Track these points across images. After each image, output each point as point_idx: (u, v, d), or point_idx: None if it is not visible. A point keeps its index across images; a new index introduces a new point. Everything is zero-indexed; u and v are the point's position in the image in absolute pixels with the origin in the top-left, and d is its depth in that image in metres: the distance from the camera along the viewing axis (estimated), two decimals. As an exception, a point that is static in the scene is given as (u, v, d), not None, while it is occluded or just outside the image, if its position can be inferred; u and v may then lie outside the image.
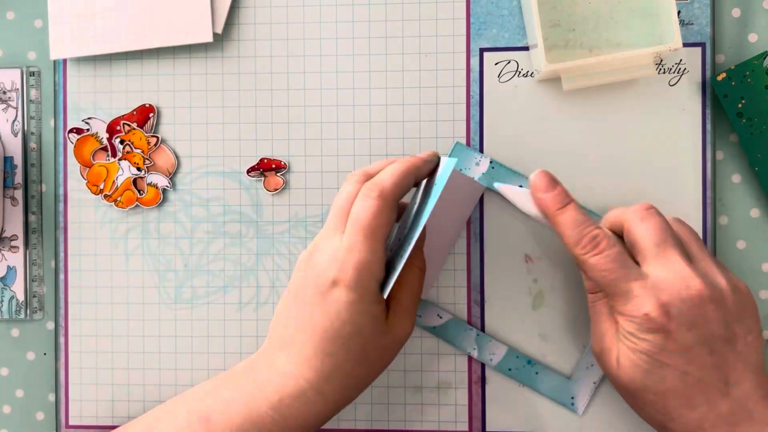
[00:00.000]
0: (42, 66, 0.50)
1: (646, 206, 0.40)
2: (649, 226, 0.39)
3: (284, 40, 0.48)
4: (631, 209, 0.40)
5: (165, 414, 0.42)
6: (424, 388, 0.48)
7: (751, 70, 0.45)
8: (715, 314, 0.38)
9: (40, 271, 0.50)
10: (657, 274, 0.38)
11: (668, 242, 0.39)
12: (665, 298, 0.37)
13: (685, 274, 0.38)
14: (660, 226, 0.39)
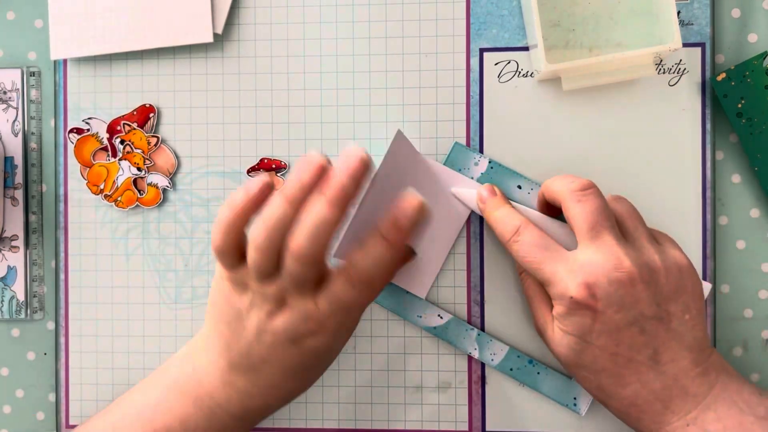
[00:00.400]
0: (42, 66, 0.50)
1: (584, 185, 0.40)
2: (584, 208, 0.39)
3: (284, 41, 0.48)
4: (568, 187, 0.40)
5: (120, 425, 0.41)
6: (424, 388, 0.48)
7: (751, 71, 0.45)
8: (646, 294, 0.38)
9: (41, 271, 0.50)
10: (587, 256, 0.39)
11: (602, 224, 0.39)
12: (591, 279, 0.38)
13: (616, 256, 0.38)
14: (594, 208, 0.39)
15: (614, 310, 0.38)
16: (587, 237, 0.39)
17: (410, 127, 0.47)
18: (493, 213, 0.43)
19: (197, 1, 0.47)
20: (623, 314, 0.38)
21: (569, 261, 0.39)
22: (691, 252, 0.46)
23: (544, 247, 0.40)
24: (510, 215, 0.42)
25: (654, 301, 0.38)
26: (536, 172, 0.47)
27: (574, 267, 0.38)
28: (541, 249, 0.40)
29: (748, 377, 0.47)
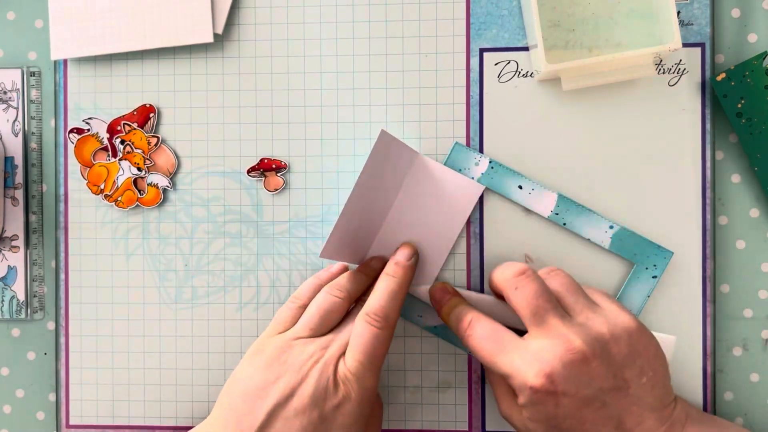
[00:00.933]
0: (42, 66, 0.50)
1: (518, 272, 0.41)
2: (523, 295, 0.40)
3: (284, 41, 0.48)
4: (504, 277, 0.41)
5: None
6: (424, 388, 0.48)
7: (751, 71, 0.45)
8: (601, 368, 0.38)
9: (41, 271, 0.50)
10: (538, 344, 0.39)
11: (543, 308, 0.39)
12: (547, 368, 0.38)
13: (565, 338, 0.38)
14: (533, 293, 0.40)
15: (574, 392, 0.38)
16: (532, 323, 0.39)
17: (410, 127, 0.47)
18: (447, 314, 0.43)
19: (197, 2, 0.47)
20: (583, 393, 0.38)
21: (522, 350, 0.39)
22: (691, 252, 0.46)
23: (495, 340, 0.40)
24: (462, 311, 0.42)
25: (610, 373, 0.38)
26: (536, 172, 0.47)
27: (528, 357, 0.38)
28: (492, 341, 0.40)
29: (748, 377, 0.47)
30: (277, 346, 0.41)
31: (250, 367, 0.41)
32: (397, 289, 0.42)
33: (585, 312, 0.40)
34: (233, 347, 0.48)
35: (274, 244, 0.48)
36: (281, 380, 0.39)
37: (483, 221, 0.47)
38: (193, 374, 0.49)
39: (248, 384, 0.40)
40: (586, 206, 0.46)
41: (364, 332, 0.40)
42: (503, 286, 0.41)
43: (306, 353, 0.40)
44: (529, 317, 0.39)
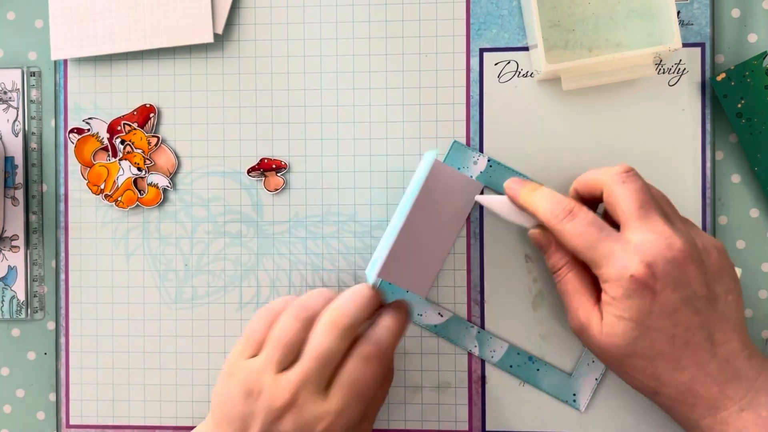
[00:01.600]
0: (43, 66, 0.50)
1: (626, 168, 0.40)
2: (631, 188, 0.39)
3: (284, 41, 0.48)
4: (609, 172, 0.40)
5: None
6: (424, 387, 0.48)
7: (751, 71, 0.45)
8: (696, 274, 0.38)
9: (41, 271, 0.50)
10: (640, 235, 0.38)
11: (649, 204, 0.39)
12: (649, 258, 0.37)
13: (666, 235, 0.38)
14: (641, 189, 0.39)
15: (671, 290, 0.37)
16: (636, 216, 0.39)
17: (410, 127, 0.47)
18: (531, 195, 0.42)
19: (197, 2, 0.47)
20: (679, 294, 0.37)
21: (623, 241, 0.38)
22: (691, 252, 0.46)
23: (599, 227, 0.39)
24: (557, 195, 0.41)
25: (703, 282, 0.38)
26: (536, 172, 0.47)
27: (630, 247, 0.38)
28: (596, 228, 0.39)
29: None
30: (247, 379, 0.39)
31: (227, 389, 0.40)
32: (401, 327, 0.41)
33: (679, 223, 0.40)
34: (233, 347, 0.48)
35: (274, 244, 0.48)
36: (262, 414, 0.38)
37: (483, 221, 0.47)
38: (193, 374, 0.49)
39: (233, 410, 0.39)
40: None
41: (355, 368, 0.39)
42: (606, 180, 0.40)
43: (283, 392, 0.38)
44: (634, 209, 0.39)
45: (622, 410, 0.46)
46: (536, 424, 0.47)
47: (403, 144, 0.47)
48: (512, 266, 0.47)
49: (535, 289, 0.47)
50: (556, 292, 0.47)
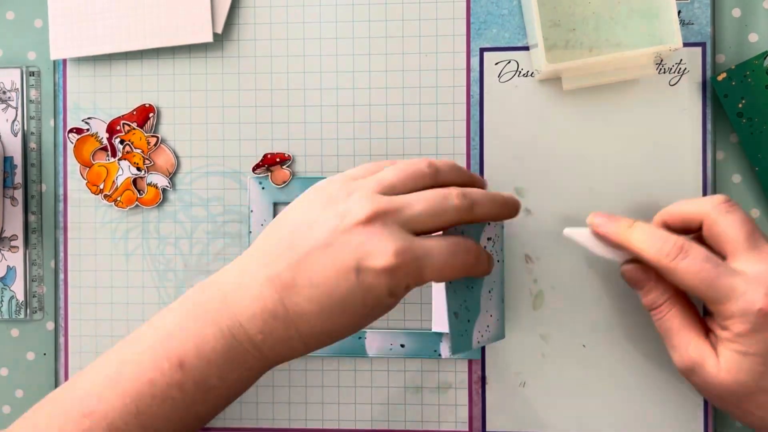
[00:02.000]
0: (42, 66, 0.50)
1: (726, 198, 0.39)
2: (736, 219, 0.38)
3: (284, 40, 0.48)
4: (710, 203, 0.39)
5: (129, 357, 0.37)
6: (424, 388, 0.48)
7: (752, 70, 0.45)
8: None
9: (40, 271, 0.50)
10: (756, 266, 0.37)
11: (757, 233, 0.38)
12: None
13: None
14: (746, 218, 0.38)
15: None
16: (746, 247, 0.37)
17: (410, 127, 0.47)
18: (630, 231, 0.39)
19: (197, 1, 0.47)
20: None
21: (742, 274, 0.37)
22: (692, 252, 0.46)
23: (715, 263, 0.37)
24: (661, 231, 0.39)
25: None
26: (536, 172, 0.47)
27: (751, 280, 0.36)
28: (713, 264, 0.37)
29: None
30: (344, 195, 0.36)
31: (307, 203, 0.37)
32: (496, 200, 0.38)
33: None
34: (233, 347, 0.48)
35: (274, 244, 0.48)
36: (333, 222, 0.35)
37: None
38: (192, 374, 0.48)
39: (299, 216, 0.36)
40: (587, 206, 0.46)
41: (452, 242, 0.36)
42: (708, 211, 0.39)
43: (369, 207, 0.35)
44: (743, 240, 0.37)
45: (621, 412, 0.46)
46: (536, 424, 0.47)
47: (403, 144, 0.47)
48: (512, 266, 0.47)
49: (535, 289, 0.47)
50: (555, 293, 0.47)
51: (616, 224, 0.40)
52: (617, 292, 0.46)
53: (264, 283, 0.35)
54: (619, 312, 0.46)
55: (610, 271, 0.46)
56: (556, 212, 0.46)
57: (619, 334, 0.46)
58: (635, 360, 0.46)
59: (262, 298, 0.35)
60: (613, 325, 0.46)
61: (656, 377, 0.46)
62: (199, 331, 0.36)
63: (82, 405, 0.36)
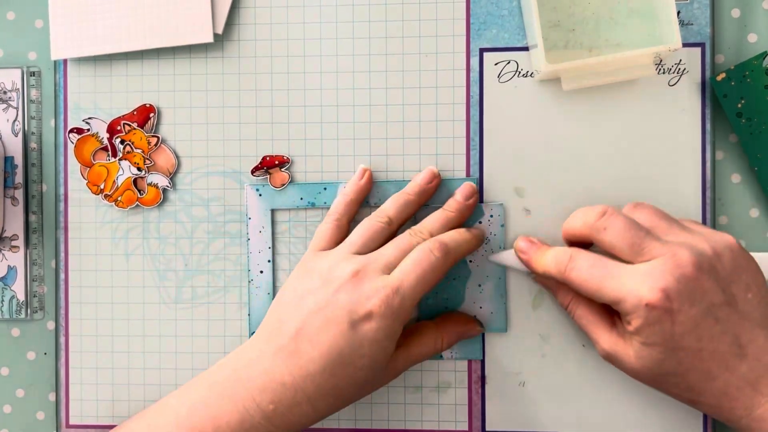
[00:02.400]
0: (42, 66, 0.50)
1: (601, 213, 0.40)
2: (614, 232, 0.39)
3: (284, 41, 0.48)
4: (586, 223, 0.41)
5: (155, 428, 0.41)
6: (424, 388, 0.48)
7: (751, 71, 0.45)
8: (710, 282, 0.38)
9: (41, 271, 0.50)
10: (644, 265, 0.38)
11: (638, 236, 0.39)
12: (661, 282, 0.37)
13: (672, 253, 0.38)
14: (623, 227, 0.39)
15: (688, 306, 0.37)
16: (632, 256, 0.39)
17: (410, 127, 0.47)
18: (542, 258, 0.43)
19: (197, 1, 0.47)
20: (697, 308, 0.38)
21: (630, 272, 0.38)
22: (691, 252, 0.46)
23: (601, 266, 0.39)
24: (559, 249, 0.42)
25: (719, 288, 0.38)
26: (536, 172, 0.47)
27: (638, 276, 0.38)
28: (599, 268, 0.39)
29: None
30: (323, 266, 0.42)
31: (295, 281, 0.43)
32: (451, 221, 0.44)
33: (682, 233, 0.40)
34: (233, 347, 0.48)
35: (275, 244, 0.48)
36: (321, 290, 0.41)
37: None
38: (193, 374, 0.49)
39: (291, 295, 0.42)
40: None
41: (422, 259, 0.41)
42: (588, 231, 0.41)
43: (349, 268, 0.41)
44: (627, 252, 0.39)
45: (620, 413, 0.46)
46: (536, 424, 0.47)
47: (403, 144, 0.47)
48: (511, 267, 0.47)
49: (535, 289, 0.47)
50: (556, 292, 0.47)
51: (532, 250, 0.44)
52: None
53: (271, 357, 0.40)
54: (618, 312, 0.46)
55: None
56: (556, 212, 0.47)
57: (619, 334, 0.46)
58: None
59: (271, 371, 0.40)
60: (613, 324, 0.46)
61: (656, 377, 0.46)
62: (216, 406, 0.40)
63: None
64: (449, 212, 0.44)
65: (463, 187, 0.45)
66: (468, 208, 0.45)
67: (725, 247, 0.39)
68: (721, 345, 0.38)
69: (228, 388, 0.40)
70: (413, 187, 0.45)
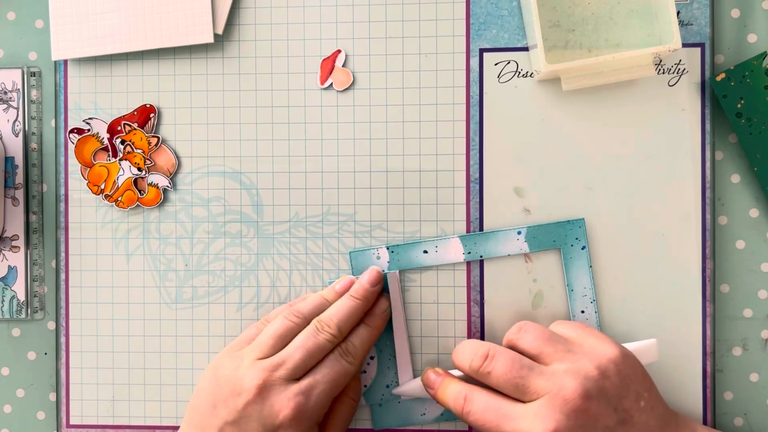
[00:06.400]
0: (43, 66, 0.50)
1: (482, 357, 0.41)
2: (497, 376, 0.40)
3: (284, 41, 0.48)
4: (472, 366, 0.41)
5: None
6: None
7: (750, 71, 0.45)
8: (601, 407, 0.38)
9: (41, 271, 0.50)
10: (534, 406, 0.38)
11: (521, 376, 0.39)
12: (551, 423, 0.37)
13: (556, 390, 0.38)
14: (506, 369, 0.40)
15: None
16: (520, 396, 0.39)
17: (410, 127, 0.47)
18: (443, 396, 0.43)
19: (198, 2, 0.47)
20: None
21: (523, 414, 0.38)
22: (691, 252, 0.46)
23: (495, 409, 0.39)
24: (455, 387, 0.42)
25: (610, 408, 0.38)
26: (536, 172, 0.47)
27: (530, 419, 0.38)
28: (493, 412, 0.39)
29: (748, 377, 0.47)
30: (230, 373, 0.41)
31: (208, 385, 0.42)
32: (356, 309, 0.43)
33: (567, 357, 0.40)
34: (233, 347, 0.48)
35: (274, 244, 0.48)
36: (231, 400, 0.40)
37: (483, 221, 0.47)
38: (193, 374, 0.49)
39: (204, 401, 0.42)
40: (586, 205, 0.46)
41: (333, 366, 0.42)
42: (476, 376, 0.41)
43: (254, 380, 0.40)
44: (514, 393, 0.39)
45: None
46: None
47: (403, 144, 0.47)
48: (512, 266, 0.47)
49: (534, 289, 0.47)
50: (555, 293, 0.47)
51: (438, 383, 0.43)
52: (615, 292, 0.46)
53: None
54: (617, 311, 0.46)
55: (609, 271, 0.46)
56: (556, 212, 0.47)
57: (618, 334, 0.46)
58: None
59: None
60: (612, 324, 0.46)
61: (655, 378, 0.46)
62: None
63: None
64: (356, 299, 0.44)
65: (370, 272, 0.45)
66: (373, 294, 0.45)
67: (609, 361, 0.39)
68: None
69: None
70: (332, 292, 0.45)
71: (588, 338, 0.41)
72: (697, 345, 0.46)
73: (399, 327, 0.46)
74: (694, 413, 0.46)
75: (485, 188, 0.47)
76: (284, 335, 0.42)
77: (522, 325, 0.42)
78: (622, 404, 0.39)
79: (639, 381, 0.40)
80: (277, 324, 0.43)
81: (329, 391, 0.41)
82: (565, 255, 0.46)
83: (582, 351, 0.40)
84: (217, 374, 0.42)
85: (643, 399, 0.39)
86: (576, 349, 0.40)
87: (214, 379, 0.42)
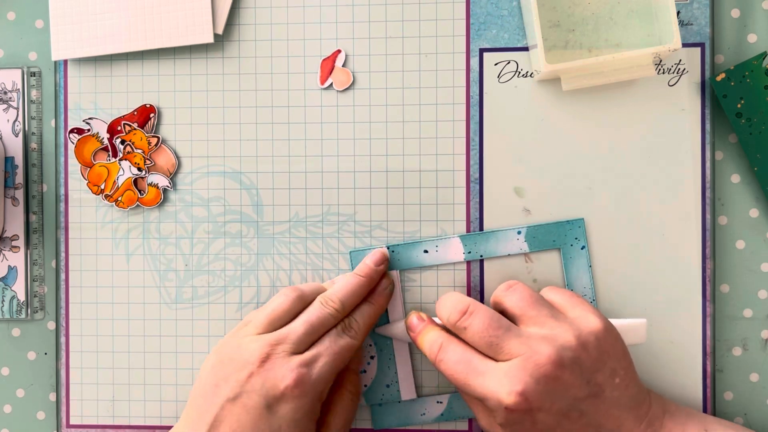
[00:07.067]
0: (43, 66, 0.50)
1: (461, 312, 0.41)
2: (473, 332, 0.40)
3: (284, 41, 0.48)
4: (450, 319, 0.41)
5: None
6: (425, 387, 0.48)
7: (751, 71, 0.45)
8: (572, 377, 0.38)
9: (41, 271, 0.50)
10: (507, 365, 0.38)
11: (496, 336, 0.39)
12: (519, 385, 0.37)
13: (531, 353, 0.38)
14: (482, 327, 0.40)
15: (549, 405, 0.38)
16: (493, 355, 0.39)
17: (410, 127, 0.47)
18: (421, 341, 0.43)
19: (198, 2, 0.47)
20: (558, 405, 0.38)
21: (493, 371, 0.38)
22: (691, 252, 0.46)
23: (466, 362, 0.39)
24: (433, 335, 0.42)
25: (583, 381, 0.38)
26: (536, 172, 0.47)
27: (498, 377, 0.38)
28: (463, 364, 0.39)
29: (748, 377, 0.47)
30: (233, 350, 0.42)
31: (210, 367, 0.42)
32: (360, 286, 0.44)
33: (549, 322, 0.40)
34: (233, 347, 0.48)
35: (274, 244, 0.48)
36: (233, 375, 0.40)
37: (483, 221, 0.47)
38: (193, 374, 0.49)
39: (207, 382, 0.41)
40: (586, 205, 0.46)
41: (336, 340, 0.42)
42: (452, 329, 0.41)
43: (258, 352, 0.40)
44: (487, 350, 0.39)
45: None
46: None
47: (403, 144, 0.47)
48: (512, 266, 0.47)
49: (534, 288, 0.47)
50: (556, 292, 0.47)
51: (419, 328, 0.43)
52: (615, 292, 0.46)
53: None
54: (616, 312, 0.46)
55: (609, 271, 0.46)
56: (556, 212, 0.47)
57: (619, 334, 0.46)
58: (633, 360, 0.46)
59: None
60: (613, 324, 0.46)
61: (655, 377, 0.46)
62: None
63: None
64: (360, 276, 0.44)
65: (374, 253, 0.45)
66: (378, 273, 0.45)
67: (591, 334, 0.39)
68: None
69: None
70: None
71: (575, 308, 0.41)
72: (697, 345, 0.46)
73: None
74: (693, 397, 0.46)
75: (485, 188, 0.47)
76: (288, 311, 0.43)
77: (512, 283, 0.42)
78: (595, 378, 0.38)
79: (617, 358, 0.39)
80: (277, 302, 0.43)
81: (332, 364, 0.41)
82: (565, 255, 0.46)
83: (565, 319, 0.40)
84: (220, 354, 0.42)
85: (618, 376, 0.39)
86: (560, 317, 0.40)
87: (217, 359, 0.42)
